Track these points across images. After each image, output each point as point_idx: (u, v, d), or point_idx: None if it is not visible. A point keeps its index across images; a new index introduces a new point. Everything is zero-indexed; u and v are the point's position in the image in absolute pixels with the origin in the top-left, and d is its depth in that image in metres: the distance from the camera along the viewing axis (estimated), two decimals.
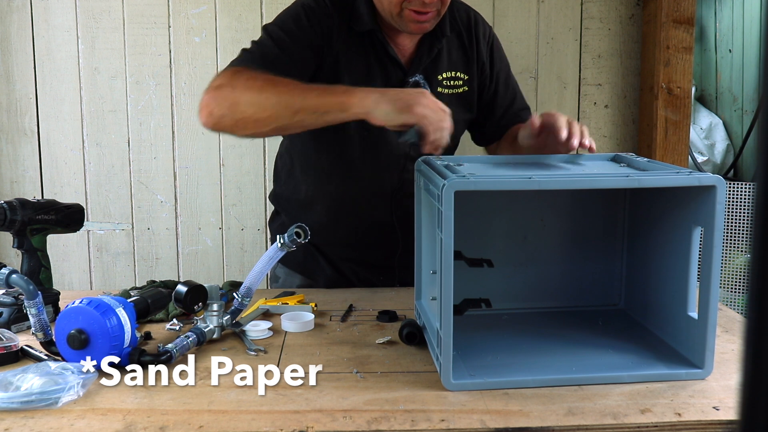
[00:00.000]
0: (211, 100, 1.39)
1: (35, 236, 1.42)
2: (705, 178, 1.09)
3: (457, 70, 1.64)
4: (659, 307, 1.28)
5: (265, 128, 1.37)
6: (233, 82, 1.38)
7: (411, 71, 1.58)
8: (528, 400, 1.04)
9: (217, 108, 1.38)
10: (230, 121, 1.38)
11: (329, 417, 0.99)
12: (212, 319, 1.28)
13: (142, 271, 2.58)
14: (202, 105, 1.40)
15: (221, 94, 1.38)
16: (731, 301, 2.72)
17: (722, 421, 1.00)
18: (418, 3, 1.47)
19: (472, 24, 1.67)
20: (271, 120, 1.34)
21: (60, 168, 2.52)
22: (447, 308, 1.07)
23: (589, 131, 1.42)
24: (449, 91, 1.62)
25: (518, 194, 1.40)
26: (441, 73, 1.62)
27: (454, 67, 1.64)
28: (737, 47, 3.04)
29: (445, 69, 1.62)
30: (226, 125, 1.40)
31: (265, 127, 1.36)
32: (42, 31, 2.45)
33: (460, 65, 1.65)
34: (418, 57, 1.59)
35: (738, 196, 2.73)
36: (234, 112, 1.36)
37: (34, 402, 1.01)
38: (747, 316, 0.38)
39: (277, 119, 1.34)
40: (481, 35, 1.68)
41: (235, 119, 1.37)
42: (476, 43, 1.66)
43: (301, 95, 1.33)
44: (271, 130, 1.40)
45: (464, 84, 1.64)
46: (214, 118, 1.39)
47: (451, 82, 1.63)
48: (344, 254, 1.71)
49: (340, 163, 1.62)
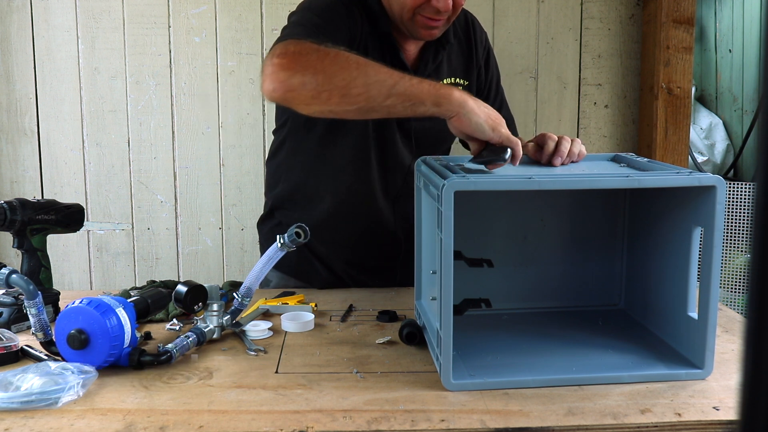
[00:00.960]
0: (287, 67, 1.23)
1: (35, 236, 1.42)
2: (705, 178, 1.09)
3: (457, 77, 1.64)
4: (659, 307, 1.28)
5: (349, 106, 1.24)
6: (319, 52, 1.24)
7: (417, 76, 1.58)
8: (528, 400, 1.04)
9: (298, 76, 1.22)
10: (311, 91, 1.22)
11: (329, 417, 0.99)
12: (212, 319, 1.28)
13: (142, 271, 2.58)
14: (270, 72, 1.25)
15: (303, 60, 1.23)
16: (731, 301, 2.71)
17: (722, 421, 1.00)
18: (432, 10, 1.46)
19: (470, 29, 1.67)
20: (361, 98, 1.21)
21: (60, 168, 2.52)
22: (447, 308, 1.07)
23: (582, 144, 1.39)
24: None
25: (518, 194, 1.40)
26: (442, 79, 1.62)
27: (455, 74, 1.64)
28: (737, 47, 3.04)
29: (446, 75, 1.63)
30: (303, 96, 1.24)
31: (350, 105, 1.23)
32: (42, 31, 2.45)
33: (460, 72, 1.65)
34: (423, 63, 1.59)
35: (738, 196, 2.73)
36: (319, 83, 1.22)
37: (34, 402, 1.01)
38: (747, 316, 0.38)
39: (368, 99, 1.22)
40: (479, 41, 1.69)
41: (319, 90, 1.22)
42: (475, 48, 1.66)
43: (394, 79, 1.22)
44: (354, 110, 1.25)
45: (464, 90, 1.64)
46: (289, 85, 1.23)
47: None
48: (342, 256, 1.71)
49: (353, 159, 1.62)
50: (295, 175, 1.70)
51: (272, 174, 1.77)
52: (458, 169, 1.20)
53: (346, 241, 1.69)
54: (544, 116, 2.58)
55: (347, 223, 1.67)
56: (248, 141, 2.53)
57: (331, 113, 1.28)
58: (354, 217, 1.66)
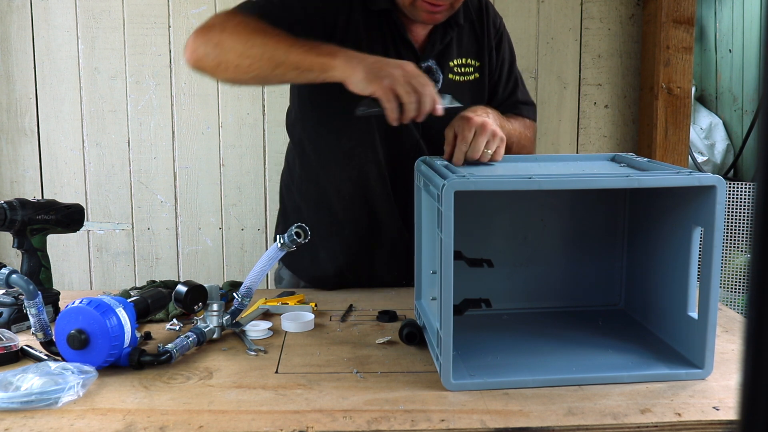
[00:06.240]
0: (197, 38, 1.36)
1: (35, 236, 1.42)
2: (705, 178, 1.09)
3: (468, 57, 1.63)
4: (659, 307, 1.28)
5: (245, 76, 1.35)
6: (224, 24, 1.36)
7: (424, 56, 1.58)
8: (528, 400, 1.04)
9: (202, 47, 1.35)
10: (212, 62, 1.35)
11: (329, 417, 0.99)
12: (212, 319, 1.28)
13: (142, 271, 2.58)
14: (188, 42, 1.37)
15: (209, 34, 1.36)
16: (731, 301, 2.72)
17: (722, 421, 1.00)
18: None
19: (483, 12, 1.67)
20: (252, 69, 1.32)
21: (60, 168, 2.52)
22: (447, 308, 1.07)
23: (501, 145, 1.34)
24: (461, 78, 1.62)
25: (518, 194, 1.40)
26: (452, 59, 1.61)
27: (466, 54, 1.63)
28: (737, 47, 3.04)
29: (456, 56, 1.62)
30: (208, 66, 1.37)
31: (245, 75, 1.34)
32: (42, 31, 2.45)
33: (472, 52, 1.64)
34: (431, 43, 1.59)
35: (738, 196, 2.73)
36: (217, 54, 1.34)
37: (34, 402, 1.01)
38: (747, 316, 0.38)
39: (258, 69, 1.32)
40: (492, 23, 1.67)
41: (217, 61, 1.34)
42: (487, 30, 1.66)
43: (286, 49, 1.30)
44: (250, 79, 1.38)
45: (475, 71, 1.64)
46: (197, 55, 1.36)
47: (462, 69, 1.62)
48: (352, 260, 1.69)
49: (363, 143, 1.59)
50: (311, 164, 1.67)
51: (288, 169, 1.76)
52: (458, 169, 1.19)
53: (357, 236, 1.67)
54: (544, 116, 2.58)
55: (360, 218, 1.65)
56: (248, 141, 2.53)
57: (235, 83, 1.42)
58: (367, 209, 1.63)
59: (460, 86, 1.60)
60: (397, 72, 1.27)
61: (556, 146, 2.63)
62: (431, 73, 1.58)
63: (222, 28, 1.35)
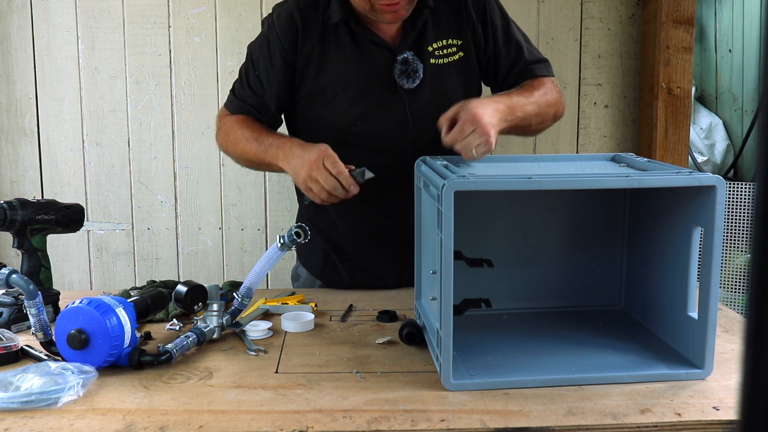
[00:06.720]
0: (216, 137, 1.73)
1: (35, 236, 1.42)
2: (705, 178, 1.09)
3: (448, 38, 1.60)
4: (659, 307, 1.28)
5: (244, 167, 1.73)
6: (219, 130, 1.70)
7: (399, 49, 1.56)
8: (528, 400, 1.04)
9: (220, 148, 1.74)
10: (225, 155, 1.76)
11: (329, 417, 0.99)
12: (212, 319, 1.28)
13: (142, 271, 2.58)
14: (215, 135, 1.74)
15: (217, 137, 1.72)
16: (731, 301, 2.72)
17: (722, 421, 1.00)
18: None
19: None
20: (243, 163, 1.68)
21: (60, 168, 2.52)
22: (447, 308, 1.07)
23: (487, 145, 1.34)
24: (443, 60, 1.59)
25: (518, 194, 1.40)
26: (431, 44, 1.59)
27: (445, 35, 1.60)
28: (737, 47, 3.04)
29: (435, 39, 1.59)
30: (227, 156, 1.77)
31: (244, 167, 1.73)
32: (42, 31, 2.45)
33: (451, 32, 1.60)
34: (403, 34, 1.57)
35: (738, 196, 2.73)
36: (226, 155, 1.73)
37: (34, 402, 1.01)
38: (747, 316, 0.38)
39: (249, 166, 1.70)
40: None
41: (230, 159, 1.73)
42: (464, 5, 1.61)
43: (253, 152, 1.60)
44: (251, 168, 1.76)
45: (459, 50, 1.61)
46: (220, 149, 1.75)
47: (444, 51, 1.59)
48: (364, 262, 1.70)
49: (377, 134, 1.59)
50: None
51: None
52: (459, 168, 1.19)
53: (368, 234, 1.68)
54: None
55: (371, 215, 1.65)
56: None
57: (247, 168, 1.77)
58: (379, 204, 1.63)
59: (445, 69, 1.58)
60: (313, 158, 1.44)
61: (556, 146, 2.63)
62: (407, 64, 1.55)
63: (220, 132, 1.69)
